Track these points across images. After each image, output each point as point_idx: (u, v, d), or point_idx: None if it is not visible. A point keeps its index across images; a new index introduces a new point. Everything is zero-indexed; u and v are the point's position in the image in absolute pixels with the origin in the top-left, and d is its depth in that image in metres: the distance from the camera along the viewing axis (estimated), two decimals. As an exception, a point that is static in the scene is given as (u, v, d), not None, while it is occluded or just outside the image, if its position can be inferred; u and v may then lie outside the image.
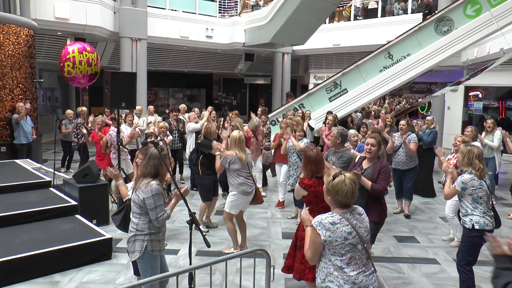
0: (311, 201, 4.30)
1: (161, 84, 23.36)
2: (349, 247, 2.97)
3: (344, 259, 2.98)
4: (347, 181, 3.03)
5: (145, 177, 3.90)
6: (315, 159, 4.43)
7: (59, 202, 6.91)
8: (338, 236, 2.95)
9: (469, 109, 16.61)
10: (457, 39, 11.41)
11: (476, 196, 4.45)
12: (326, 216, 3.01)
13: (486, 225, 4.44)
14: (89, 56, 10.13)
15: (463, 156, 4.53)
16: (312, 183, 4.31)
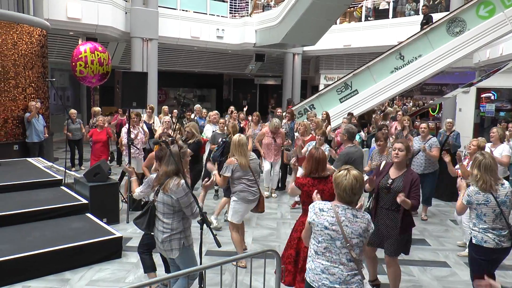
0: (305, 201, 4.20)
1: (172, 84, 23.42)
2: (326, 237, 3.05)
3: (319, 246, 3.09)
4: (348, 176, 3.07)
5: (169, 176, 3.95)
6: (317, 159, 4.30)
7: (70, 200, 6.96)
8: (320, 222, 3.06)
9: (481, 111, 16.46)
10: (470, 40, 11.31)
11: (480, 213, 4.16)
12: (319, 203, 3.18)
13: (484, 242, 4.15)
14: (101, 55, 10.21)
15: (477, 166, 4.17)
16: (306, 182, 4.23)
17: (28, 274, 5.13)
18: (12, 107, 9.58)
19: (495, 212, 4.12)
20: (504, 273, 5.73)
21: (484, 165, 4.12)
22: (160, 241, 4.00)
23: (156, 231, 4.04)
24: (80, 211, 6.73)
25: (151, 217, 4.03)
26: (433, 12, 16.64)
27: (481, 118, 16.49)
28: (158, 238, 4.01)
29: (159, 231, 4.01)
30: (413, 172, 4.64)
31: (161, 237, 3.98)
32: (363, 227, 3.08)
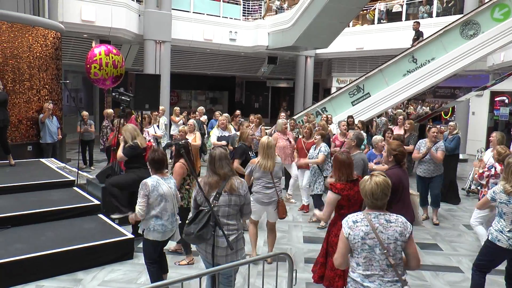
0: (344, 205, 4.23)
1: (184, 86, 23.51)
2: (364, 247, 3.02)
3: (359, 257, 3.05)
4: (371, 181, 3.09)
5: (226, 178, 3.94)
6: (348, 163, 4.37)
7: (82, 201, 7.03)
8: (356, 234, 3.02)
9: (495, 115, 16.29)
10: (484, 43, 11.21)
11: (500, 210, 4.38)
12: (353, 215, 3.13)
13: (498, 240, 4.36)
14: (115, 58, 10.28)
15: (505, 168, 4.41)
16: (344, 186, 4.26)
17: (41, 274, 5.18)
18: (26, 109, 9.69)
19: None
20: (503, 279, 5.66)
21: None
22: (225, 246, 3.82)
23: (217, 238, 3.82)
24: (93, 212, 6.80)
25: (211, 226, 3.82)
26: (447, 15, 16.56)
27: (495, 122, 16.31)
28: (221, 244, 3.82)
29: (222, 236, 3.80)
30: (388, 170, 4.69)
31: (230, 240, 3.84)
32: (399, 231, 3.06)
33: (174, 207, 4.59)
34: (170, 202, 4.51)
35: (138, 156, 6.11)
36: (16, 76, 9.42)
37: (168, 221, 4.52)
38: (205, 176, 4.04)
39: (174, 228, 4.65)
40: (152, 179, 4.50)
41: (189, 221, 3.90)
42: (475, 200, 9.18)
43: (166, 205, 4.48)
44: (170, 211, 4.53)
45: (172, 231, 4.62)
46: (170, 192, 4.51)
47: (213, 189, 3.91)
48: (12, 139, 9.21)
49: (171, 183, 4.61)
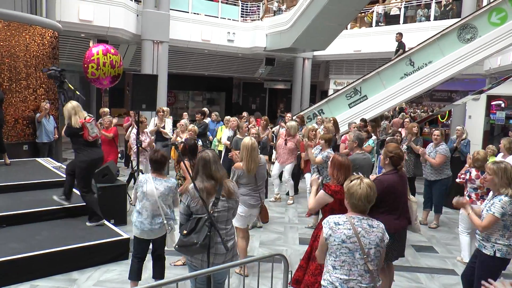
0: (335, 208, 4.08)
1: (181, 87, 23.50)
2: (345, 250, 3.00)
3: (337, 260, 3.03)
4: (362, 184, 3.05)
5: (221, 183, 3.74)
6: (346, 165, 4.25)
7: (78, 201, 6.99)
8: (337, 237, 3.00)
9: (491, 119, 16.33)
10: (481, 47, 11.23)
11: (509, 223, 4.00)
12: (335, 216, 3.10)
13: (508, 254, 4.05)
14: (113, 58, 10.24)
15: (499, 176, 4.01)
16: (339, 189, 4.08)
17: (36, 273, 5.16)
18: (23, 108, 9.66)
19: None
20: None
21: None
22: (224, 252, 3.69)
23: (216, 245, 3.65)
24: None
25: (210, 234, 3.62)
26: (445, 19, 16.61)
27: (491, 125, 16.35)
28: (220, 251, 3.67)
29: (220, 242, 3.62)
30: (384, 175, 4.64)
31: (230, 244, 3.76)
32: (380, 237, 3.06)
33: (159, 209, 4.50)
34: (151, 202, 4.48)
35: (76, 135, 6.05)
36: (13, 75, 9.38)
37: (147, 220, 4.50)
38: (197, 182, 3.71)
39: (157, 231, 4.56)
40: (144, 176, 4.61)
41: (188, 231, 3.62)
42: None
43: (146, 204, 4.50)
44: (150, 211, 4.49)
45: (153, 232, 4.55)
46: (153, 193, 4.46)
47: (211, 194, 3.68)
48: (8, 138, 9.18)
49: (162, 185, 4.53)
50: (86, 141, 6.02)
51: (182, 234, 3.65)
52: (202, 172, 3.74)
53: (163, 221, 4.55)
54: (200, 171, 3.76)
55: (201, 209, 3.63)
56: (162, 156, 4.62)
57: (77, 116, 6.05)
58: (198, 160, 3.81)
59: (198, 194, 3.56)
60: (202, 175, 3.74)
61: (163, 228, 4.59)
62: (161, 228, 4.58)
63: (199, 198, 3.57)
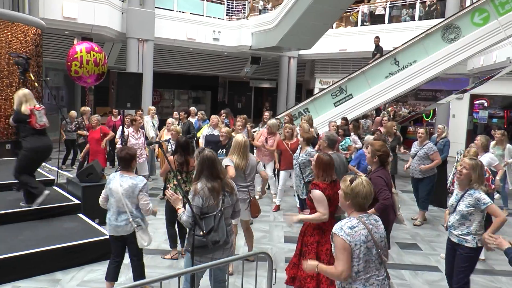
0: None
1: (166, 85, 23.37)
2: (365, 250, 3.00)
3: (361, 263, 2.99)
4: (364, 183, 3.07)
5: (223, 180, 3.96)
6: (331, 163, 4.38)
7: (62, 200, 6.94)
8: (357, 240, 2.96)
9: (474, 118, 16.56)
10: (464, 47, 11.37)
11: (485, 214, 4.29)
12: (345, 222, 3.03)
13: (481, 242, 4.26)
14: (97, 56, 10.14)
15: (476, 172, 4.25)
16: (327, 186, 4.27)
17: (19, 274, 5.10)
18: (5, 106, 9.53)
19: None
20: (494, 278, 5.76)
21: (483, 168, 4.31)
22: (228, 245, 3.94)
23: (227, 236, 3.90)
24: (72, 212, 6.72)
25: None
26: (429, 19, 16.77)
27: (474, 124, 16.58)
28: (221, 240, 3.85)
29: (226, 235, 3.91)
30: (376, 172, 4.71)
31: (231, 239, 4.03)
32: (383, 229, 3.15)
33: (124, 206, 4.44)
34: (116, 198, 4.46)
35: (23, 122, 6.07)
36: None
37: (113, 217, 4.50)
38: (201, 182, 3.86)
39: (123, 228, 4.50)
40: (113, 173, 4.65)
41: (207, 230, 3.75)
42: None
43: (111, 200, 4.51)
44: (116, 208, 4.47)
45: (118, 228, 4.50)
46: (117, 190, 4.43)
47: (219, 193, 3.87)
48: (-10, 137, 9.07)
49: (126, 183, 4.46)
50: (34, 129, 6.09)
51: (198, 234, 3.73)
52: (209, 172, 3.87)
53: (128, 218, 4.48)
54: (205, 171, 3.88)
55: (212, 207, 3.80)
56: (127, 153, 4.55)
57: (27, 104, 6.06)
58: (202, 160, 3.89)
59: (210, 193, 3.77)
60: (208, 175, 3.87)
61: (129, 225, 4.50)
62: (127, 226, 4.50)
63: (210, 198, 3.77)
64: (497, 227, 4.15)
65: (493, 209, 4.18)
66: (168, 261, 5.88)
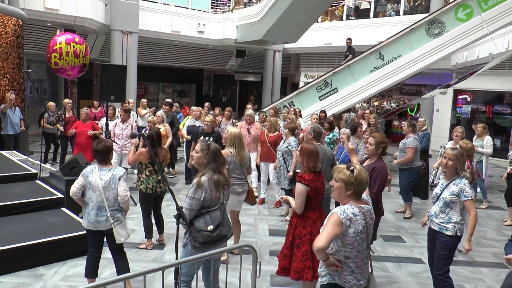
0: (312, 196, 4.25)
1: (151, 78, 23.23)
2: (360, 241, 3.04)
3: (353, 251, 3.04)
4: (362, 170, 3.12)
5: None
6: (315, 152, 4.39)
7: (45, 194, 6.86)
8: (356, 228, 3.00)
9: (457, 113, 16.75)
10: (448, 42, 11.46)
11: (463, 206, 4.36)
12: (347, 207, 3.04)
13: (461, 232, 4.41)
14: (77, 47, 10.00)
15: (460, 161, 4.37)
16: (313, 177, 4.27)
17: (0, 270, 5.02)
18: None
19: None
20: (475, 269, 5.84)
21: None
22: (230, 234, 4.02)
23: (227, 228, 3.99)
24: (56, 206, 6.64)
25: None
26: (414, 13, 16.88)
27: (457, 119, 16.76)
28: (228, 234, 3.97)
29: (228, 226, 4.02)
30: (379, 162, 4.82)
31: (231, 231, 4.08)
32: (373, 217, 3.20)
33: (104, 201, 4.35)
34: (96, 193, 4.35)
35: None
36: (-25, 64, 9.09)
37: (92, 211, 4.36)
38: (207, 174, 3.86)
39: (104, 223, 4.40)
40: (90, 166, 4.51)
41: (215, 225, 3.77)
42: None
43: (91, 195, 4.37)
44: (96, 202, 4.35)
45: (98, 223, 4.39)
46: (98, 184, 4.33)
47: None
48: (-30, 130, 8.90)
49: (106, 175, 4.38)
50: None
51: (206, 230, 3.71)
52: (212, 165, 3.89)
53: (110, 212, 4.39)
54: (212, 164, 3.89)
55: (214, 201, 3.83)
56: (105, 146, 4.45)
57: None
58: (213, 153, 3.91)
59: (214, 186, 3.78)
60: (215, 167, 3.89)
61: (109, 221, 4.41)
62: (107, 221, 4.40)
63: (214, 191, 3.78)
64: (472, 227, 4.28)
65: (470, 205, 4.26)
66: (153, 255, 5.85)
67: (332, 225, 2.95)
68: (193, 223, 3.78)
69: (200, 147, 3.97)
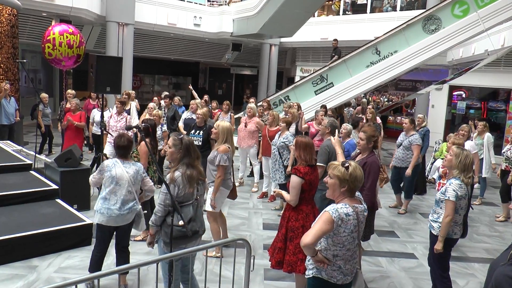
0: (305, 189, 4.25)
1: (147, 70, 23.16)
2: (350, 240, 3.04)
3: (343, 249, 3.04)
4: (357, 167, 3.11)
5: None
6: (311, 145, 4.40)
7: (39, 185, 6.83)
8: (347, 228, 2.98)
9: (453, 109, 16.81)
10: (444, 38, 11.46)
11: (458, 206, 4.19)
12: (341, 206, 3.01)
13: (454, 234, 4.29)
14: (70, 38, 9.91)
15: (457, 159, 4.20)
16: (308, 171, 4.27)
17: (-6, 260, 5.01)
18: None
19: (466, 205, 4.30)
20: (467, 265, 5.90)
21: (473, 162, 4.25)
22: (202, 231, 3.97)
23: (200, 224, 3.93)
24: (50, 197, 6.62)
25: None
26: (410, 9, 16.89)
27: (453, 115, 16.83)
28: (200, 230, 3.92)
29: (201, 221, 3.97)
30: (370, 157, 4.79)
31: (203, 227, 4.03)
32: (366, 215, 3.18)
33: (129, 194, 4.33)
34: (122, 187, 4.29)
35: None
36: (-31, 54, 9.03)
37: (115, 206, 4.28)
38: (181, 169, 3.80)
39: (127, 216, 4.38)
40: (112, 160, 4.39)
41: (187, 220, 3.72)
42: (432, 190, 9.47)
43: (116, 188, 4.28)
44: (120, 196, 4.29)
45: (121, 218, 4.34)
46: (124, 177, 4.27)
47: (196, 181, 3.84)
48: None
49: (130, 169, 4.35)
50: None
51: (177, 225, 3.66)
52: (191, 158, 3.83)
53: (133, 205, 4.39)
54: (186, 158, 3.83)
55: (187, 196, 3.77)
56: (128, 140, 4.40)
57: None
58: (186, 147, 3.85)
59: (187, 181, 3.72)
60: (188, 162, 3.83)
61: (132, 213, 4.43)
62: (129, 214, 4.40)
63: (187, 186, 3.72)
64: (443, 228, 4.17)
65: (447, 205, 4.15)
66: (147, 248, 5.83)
67: (323, 222, 2.95)
68: (165, 218, 3.75)
69: (172, 141, 3.93)
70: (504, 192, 7.85)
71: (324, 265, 3.05)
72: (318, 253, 3.04)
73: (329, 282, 3.11)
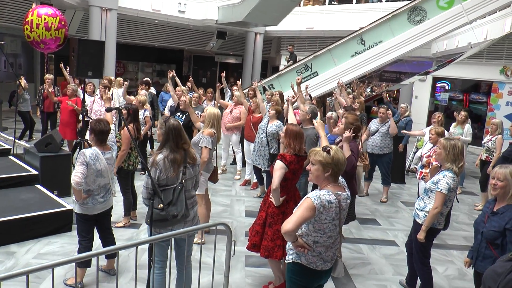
0: (288, 178, 4.22)
1: (131, 57, 22.89)
2: (333, 227, 3.03)
3: (323, 236, 3.03)
4: (338, 150, 3.09)
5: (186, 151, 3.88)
6: (300, 133, 4.36)
7: (18, 171, 6.74)
8: (329, 215, 2.96)
9: (436, 100, 16.97)
10: (429, 30, 11.52)
11: (447, 199, 4.19)
12: (324, 193, 2.98)
13: (438, 224, 4.29)
14: (48, 20, 9.65)
15: (447, 151, 4.18)
16: (294, 159, 4.24)
17: (-29, 245, 4.93)
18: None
19: (454, 196, 4.30)
20: (447, 252, 5.98)
21: (462, 150, 4.25)
22: (190, 217, 3.86)
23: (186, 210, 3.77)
24: (30, 182, 6.53)
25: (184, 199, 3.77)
26: (396, 0, 16.91)
27: (435, 106, 16.99)
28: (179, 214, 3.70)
29: (188, 208, 3.81)
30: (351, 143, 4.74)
31: (194, 211, 3.92)
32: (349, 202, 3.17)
33: (110, 181, 4.30)
34: (106, 178, 4.22)
35: None
36: None
37: (99, 196, 4.22)
38: (164, 152, 3.72)
39: (107, 202, 4.35)
40: (92, 151, 4.14)
41: (167, 203, 3.64)
42: (414, 179, 9.55)
43: (99, 181, 4.18)
44: (104, 186, 4.23)
45: (103, 204, 4.28)
46: (106, 169, 4.20)
47: (180, 165, 3.72)
48: None
49: (109, 156, 4.28)
50: None
51: (157, 208, 3.60)
52: (170, 142, 3.74)
53: (110, 188, 4.36)
54: (171, 141, 3.74)
55: (171, 179, 3.69)
56: (106, 125, 4.24)
57: None
58: (169, 130, 3.75)
59: (170, 165, 3.64)
60: (172, 145, 3.74)
61: (111, 198, 4.44)
62: (110, 199, 4.40)
63: (170, 169, 3.64)
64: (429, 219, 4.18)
65: (437, 196, 4.15)
66: (128, 233, 5.81)
67: (304, 209, 2.92)
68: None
69: (159, 124, 3.91)
70: (483, 182, 7.96)
71: (305, 251, 3.03)
72: (298, 238, 3.03)
73: (308, 267, 3.10)
